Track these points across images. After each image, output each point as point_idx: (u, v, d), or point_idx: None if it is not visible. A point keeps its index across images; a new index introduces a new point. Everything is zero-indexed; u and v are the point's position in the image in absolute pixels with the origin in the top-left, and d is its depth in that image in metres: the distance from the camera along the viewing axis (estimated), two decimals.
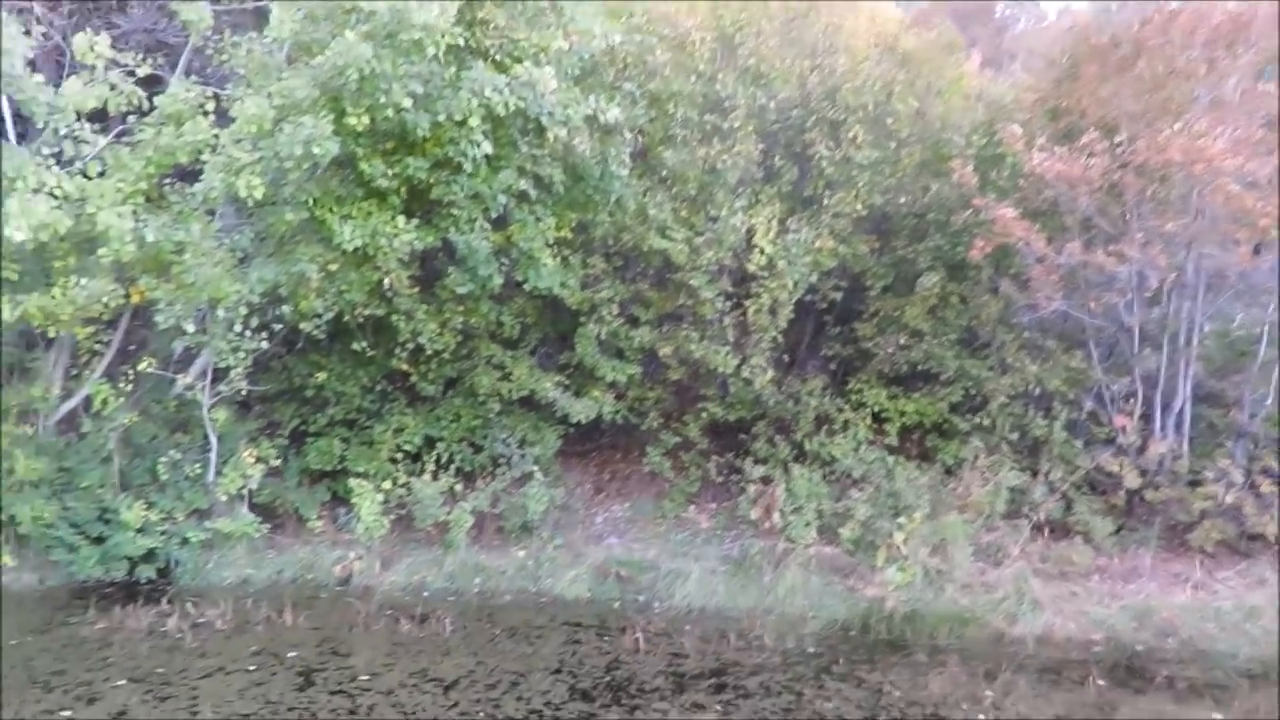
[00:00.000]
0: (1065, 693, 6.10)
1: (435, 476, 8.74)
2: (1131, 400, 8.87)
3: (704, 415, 9.62)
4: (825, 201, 9.37)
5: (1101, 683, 6.24)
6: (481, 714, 5.60)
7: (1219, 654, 6.75)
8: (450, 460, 9.12)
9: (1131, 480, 8.38)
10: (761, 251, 9.06)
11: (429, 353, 8.99)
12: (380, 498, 8.39)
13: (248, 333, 7.99)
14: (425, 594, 7.96)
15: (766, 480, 8.96)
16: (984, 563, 7.96)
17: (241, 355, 8.05)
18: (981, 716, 5.73)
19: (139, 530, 7.77)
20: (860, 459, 9.03)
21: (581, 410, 9.21)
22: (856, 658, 6.74)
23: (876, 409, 9.52)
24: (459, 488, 8.86)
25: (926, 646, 6.96)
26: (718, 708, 5.81)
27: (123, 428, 8.17)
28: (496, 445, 9.35)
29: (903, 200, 9.81)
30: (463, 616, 7.43)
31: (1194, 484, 8.32)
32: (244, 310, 7.87)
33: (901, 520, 8.03)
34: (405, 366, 9.15)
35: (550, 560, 8.46)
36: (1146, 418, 8.82)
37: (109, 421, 8.08)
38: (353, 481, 8.52)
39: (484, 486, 8.91)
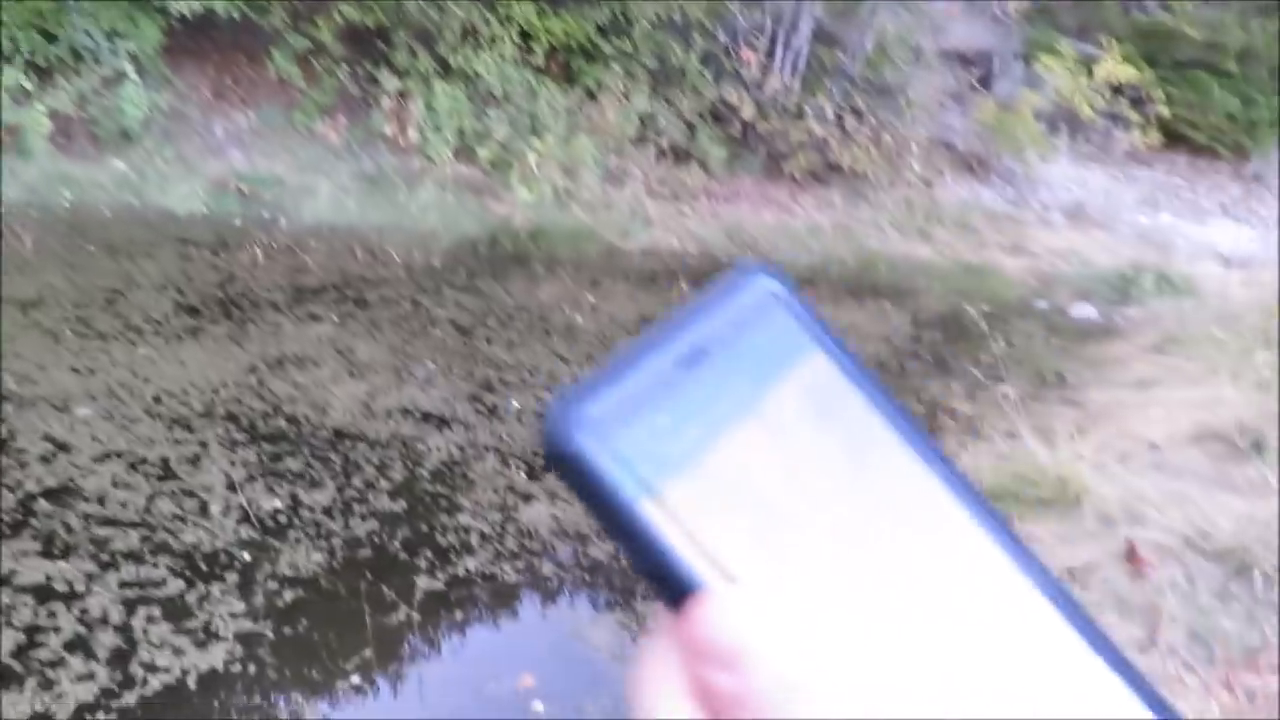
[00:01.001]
0: (653, 295, 7.04)
1: None
2: (760, 37, 9.37)
3: (338, 17, 8.68)
4: None
5: (685, 286, 7.26)
6: (68, 330, 5.31)
7: (783, 262, 8.06)
8: (16, 50, 7.56)
9: (748, 112, 9.15)
10: None
11: None
12: None
13: None
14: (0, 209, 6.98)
15: (405, 95, 8.56)
16: (609, 184, 8.52)
17: None
18: (579, 317, 6.50)
19: None
20: (504, 77, 8.86)
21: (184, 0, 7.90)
22: (479, 271, 7.17)
23: (525, 26, 9.19)
24: (30, 84, 7.47)
25: (545, 260, 7.54)
26: (334, 318, 6.00)
27: None
28: (77, 35, 7.85)
29: None
30: (49, 233, 6.69)
31: (797, 118, 9.29)
32: None
33: (536, 141, 8.23)
34: None
35: (158, 173, 7.70)
36: (771, 54, 9.44)
37: None
38: None
39: (65, 84, 7.60)
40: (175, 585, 3.37)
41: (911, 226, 8.93)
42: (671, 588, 0.28)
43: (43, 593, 3.25)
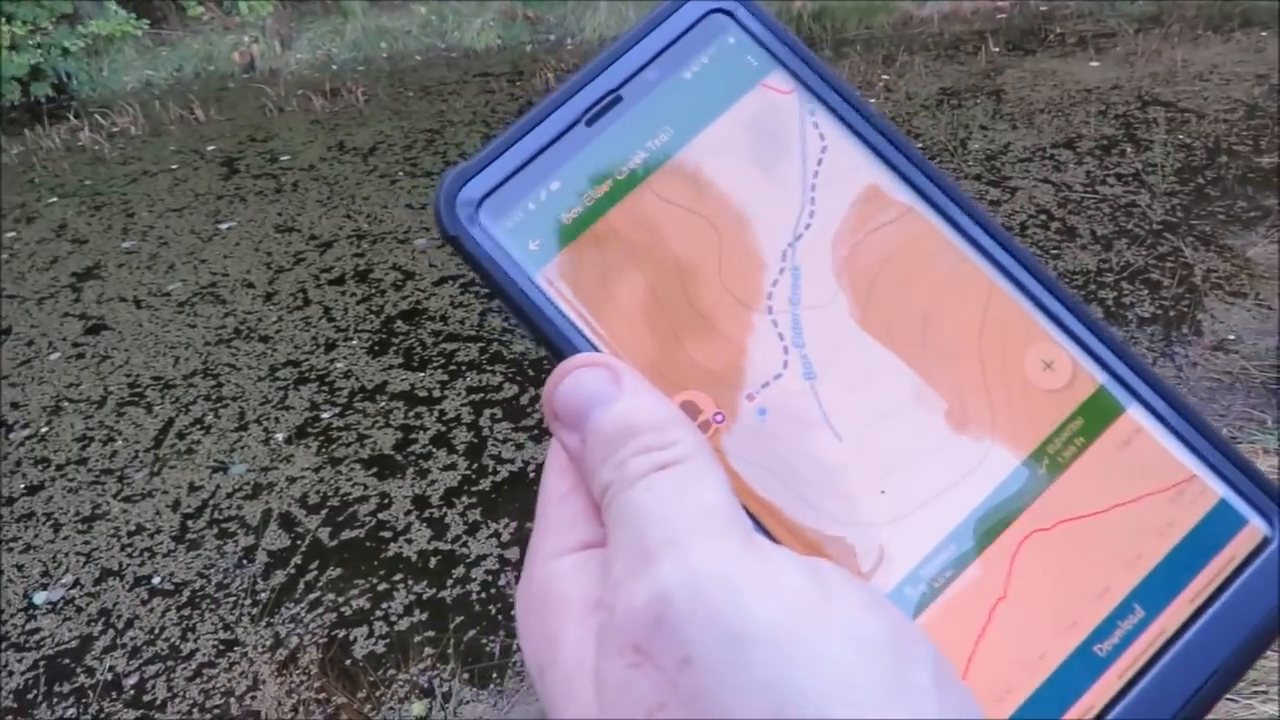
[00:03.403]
0: (957, 65, 6.29)
1: None
2: None
3: None
4: None
5: (995, 50, 6.39)
6: (400, 173, 5.93)
7: (1118, 3, 6.76)
8: None
9: None
10: None
11: None
12: None
13: None
14: (333, 68, 7.80)
15: None
16: None
17: None
18: (872, 100, 6.01)
19: (11, 48, 7.35)
20: None
21: None
22: None
23: None
24: None
25: (832, 43, 6.99)
26: None
27: None
28: None
29: None
30: (374, 84, 7.39)
31: None
32: None
33: None
34: None
35: (455, 12, 8.10)
36: None
37: None
38: None
39: None
40: (510, 390, 3.79)
41: None
42: (556, 358, 0.27)
43: (409, 398, 3.82)
